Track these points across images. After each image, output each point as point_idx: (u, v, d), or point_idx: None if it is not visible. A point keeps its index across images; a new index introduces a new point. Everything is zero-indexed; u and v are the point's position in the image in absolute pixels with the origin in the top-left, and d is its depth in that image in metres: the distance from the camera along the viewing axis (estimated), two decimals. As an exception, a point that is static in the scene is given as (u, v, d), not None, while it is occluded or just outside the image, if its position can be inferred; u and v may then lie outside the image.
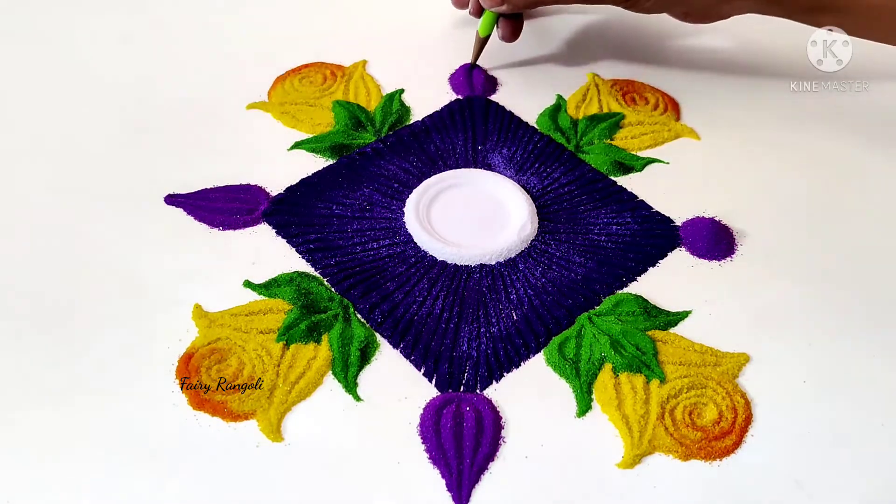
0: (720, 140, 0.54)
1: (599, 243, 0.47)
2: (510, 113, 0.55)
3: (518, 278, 0.45)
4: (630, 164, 0.52)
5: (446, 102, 0.55)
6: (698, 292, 0.45)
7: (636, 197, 0.50)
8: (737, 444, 0.38)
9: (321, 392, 0.40)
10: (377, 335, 0.42)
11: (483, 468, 0.37)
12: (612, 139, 0.53)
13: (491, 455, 0.38)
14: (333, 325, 0.42)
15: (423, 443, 0.38)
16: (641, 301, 0.44)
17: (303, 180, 0.50)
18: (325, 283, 0.44)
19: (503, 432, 0.38)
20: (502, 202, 0.48)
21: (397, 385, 0.40)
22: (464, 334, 0.42)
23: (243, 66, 0.58)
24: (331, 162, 0.51)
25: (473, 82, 0.56)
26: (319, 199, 0.49)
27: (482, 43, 0.56)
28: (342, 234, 0.47)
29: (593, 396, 0.40)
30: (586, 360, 0.41)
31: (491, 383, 0.40)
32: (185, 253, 0.46)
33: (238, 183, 0.49)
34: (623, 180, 0.51)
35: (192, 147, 0.52)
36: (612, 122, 0.54)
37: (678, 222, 0.48)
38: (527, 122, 0.54)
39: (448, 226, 0.47)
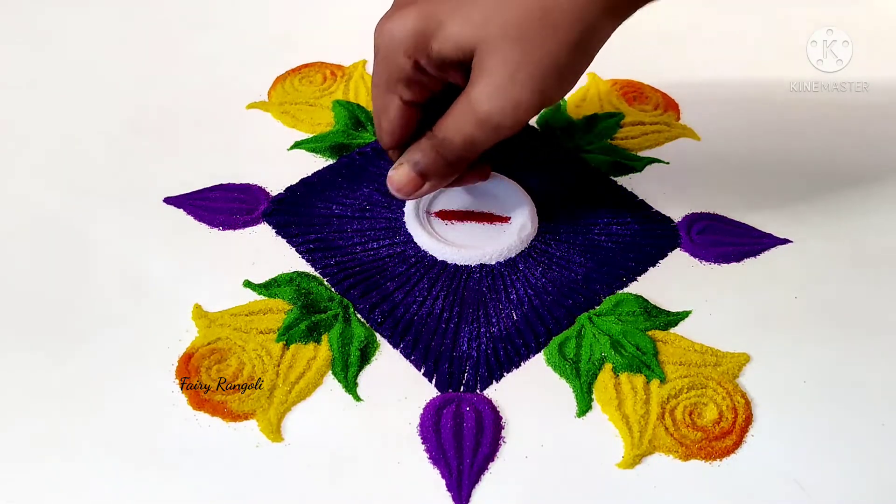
0: (720, 140, 0.54)
1: (599, 243, 0.47)
2: (510, 113, 0.55)
3: (518, 278, 0.45)
4: (630, 164, 0.52)
5: (446, 102, 0.55)
6: (698, 292, 0.45)
7: (636, 197, 0.50)
8: (737, 444, 0.38)
9: (321, 392, 0.40)
10: (377, 335, 0.42)
11: (483, 468, 0.37)
12: (612, 139, 0.53)
13: (491, 455, 0.38)
14: (333, 325, 0.42)
15: (423, 443, 0.38)
16: (641, 301, 0.44)
17: (303, 180, 0.50)
18: (325, 283, 0.44)
19: (503, 432, 0.38)
20: (502, 202, 0.48)
21: (397, 385, 0.40)
22: (464, 334, 0.42)
23: (243, 66, 0.58)
24: (331, 162, 0.51)
25: None
26: (319, 199, 0.49)
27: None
28: (342, 234, 0.47)
29: (593, 396, 0.40)
30: (586, 360, 0.41)
31: (491, 383, 0.40)
32: (185, 253, 0.46)
33: (238, 183, 0.49)
34: (623, 180, 0.51)
35: (192, 147, 0.52)
36: (613, 122, 0.54)
37: (678, 222, 0.48)
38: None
39: (448, 226, 0.47)
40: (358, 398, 0.40)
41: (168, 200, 0.48)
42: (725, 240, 0.47)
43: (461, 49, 0.39)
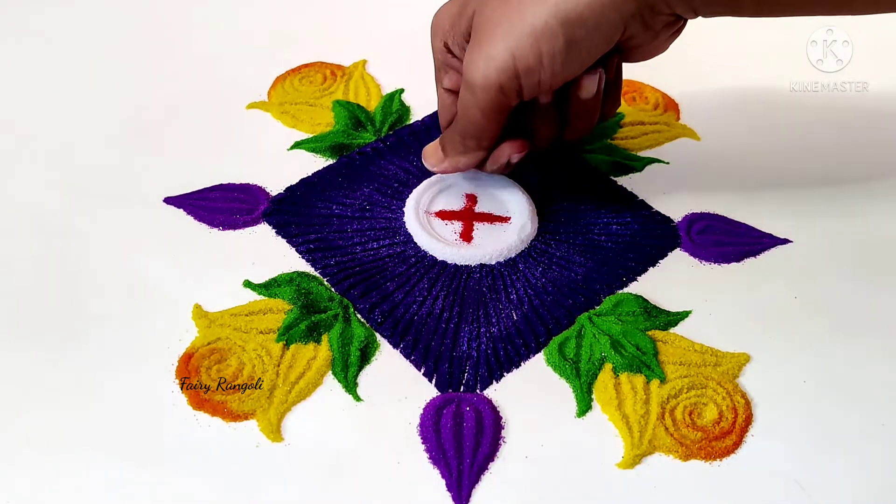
0: (720, 140, 0.54)
1: (599, 243, 0.47)
2: (510, 113, 0.55)
3: (518, 278, 0.45)
4: (630, 164, 0.52)
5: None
6: (698, 292, 0.45)
7: (636, 197, 0.50)
8: (737, 444, 0.38)
9: (321, 392, 0.40)
10: (377, 335, 0.42)
11: (483, 468, 0.37)
12: (612, 139, 0.53)
13: (491, 455, 0.38)
14: (333, 325, 0.42)
15: (423, 443, 0.38)
16: (641, 301, 0.44)
17: (303, 180, 0.50)
18: (325, 283, 0.44)
19: (503, 432, 0.38)
20: (502, 202, 0.48)
21: (397, 385, 0.40)
22: (464, 334, 0.42)
23: (243, 66, 0.58)
24: (331, 162, 0.51)
25: None
26: (319, 199, 0.49)
27: None
28: (342, 234, 0.47)
29: (593, 396, 0.40)
30: (586, 360, 0.41)
31: (491, 383, 0.40)
32: (185, 253, 0.46)
33: (238, 183, 0.49)
34: (623, 180, 0.51)
35: (191, 147, 0.52)
36: (612, 122, 0.54)
37: (678, 222, 0.48)
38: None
39: (448, 226, 0.47)
40: (358, 398, 0.40)
41: (168, 200, 0.48)
42: (725, 240, 0.47)
43: (469, 18, 0.40)
